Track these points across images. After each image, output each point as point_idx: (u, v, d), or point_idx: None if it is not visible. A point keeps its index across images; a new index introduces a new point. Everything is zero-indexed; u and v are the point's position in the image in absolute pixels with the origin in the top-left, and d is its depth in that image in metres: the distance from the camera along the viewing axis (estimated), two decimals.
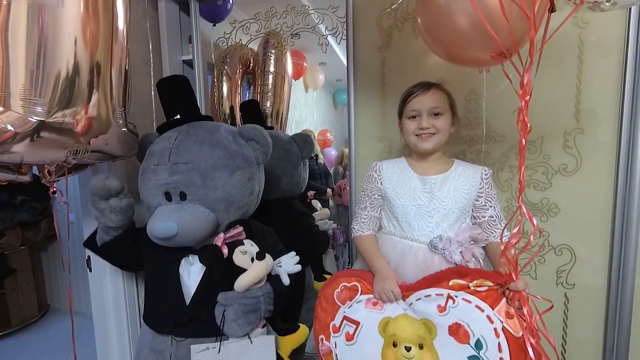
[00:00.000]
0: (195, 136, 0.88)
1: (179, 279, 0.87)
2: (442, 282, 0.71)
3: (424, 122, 0.82)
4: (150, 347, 0.88)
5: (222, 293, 0.82)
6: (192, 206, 0.84)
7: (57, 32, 0.67)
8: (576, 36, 1.03)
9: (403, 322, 0.75)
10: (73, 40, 0.67)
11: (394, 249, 0.84)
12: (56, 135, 0.69)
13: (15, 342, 2.12)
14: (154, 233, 0.81)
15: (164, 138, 0.92)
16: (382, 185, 0.88)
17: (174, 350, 0.85)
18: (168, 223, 0.79)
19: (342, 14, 1.26)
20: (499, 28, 0.59)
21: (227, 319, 0.79)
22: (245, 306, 0.80)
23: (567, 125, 1.07)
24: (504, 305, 0.67)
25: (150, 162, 0.89)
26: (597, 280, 1.08)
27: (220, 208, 0.86)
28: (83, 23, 0.71)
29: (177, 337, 0.86)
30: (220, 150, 0.87)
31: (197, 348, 0.81)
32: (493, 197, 0.85)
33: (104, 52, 0.78)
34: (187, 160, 0.84)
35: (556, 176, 1.10)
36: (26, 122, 0.63)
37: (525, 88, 0.54)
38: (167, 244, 0.83)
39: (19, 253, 2.24)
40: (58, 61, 0.66)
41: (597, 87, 1.03)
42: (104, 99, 0.78)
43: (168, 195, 0.86)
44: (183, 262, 0.89)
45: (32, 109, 0.64)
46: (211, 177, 0.85)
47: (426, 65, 1.17)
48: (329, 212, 1.53)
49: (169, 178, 0.84)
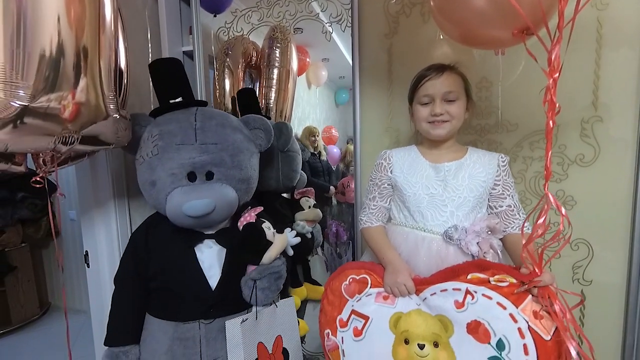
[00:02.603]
0: (214, 119, 0.91)
1: (199, 264, 0.87)
2: (460, 276, 0.66)
3: (437, 108, 0.77)
4: (174, 338, 0.87)
5: (254, 269, 0.87)
6: (220, 185, 0.86)
7: (37, 6, 0.62)
8: (594, 19, 0.98)
9: (416, 317, 0.70)
10: (56, 18, 0.63)
11: (405, 241, 0.80)
12: (41, 121, 0.65)
13: (16, 340, 2.10)
14: (188, 211, 0.80)
15: (178, 119, 0.89)
16: (392, 173, 0.84)
17: (204, 333, 0.86)
18: (205, 200, 0.81)
19: (346, 1, 1.22)
20: (522, 1, 0.54)
21: (259, 289, 0.86)
22: (274, 274, 0.88)
23: (584, 113, 1.02)
24: (529, 303, 0.61)
25: (169, 141, 0.86)
26: (616, 276, 1.03)
27: (242, 188, 0.92)
28: (67, 2, 0.67)
29: (204, 321, 0.87)
30: (240, 134, 0.94)
31: (234, 323, 0.85)
32: (511, 186, 0.81)
33: (91, 38, 0.74)
34: (216, 140, 0.88)
35: (572, 167, 1.05)
36: (8, 107, 0.59)
37: (554, 64, 0.50)
38: (195, 224, 0.85)
39: (20, 250, 2.22)
40: (40, 38, 0.61)
41: (617, 72, 0.98)
42: (93, 85, 0.74)
43: (192, 175, 0.85)
44: (199, 248, 0.89)
45: (14, 93, 0.60)
46: (238, 158, 0.90)
47: (435, 52, 1.12)
48: (320, 214, 1.38)
49: (197, 157, 0.85)
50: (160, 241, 0.89)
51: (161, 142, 0.86)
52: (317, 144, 2.30)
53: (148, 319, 0.91)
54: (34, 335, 2.15)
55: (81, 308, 2.30)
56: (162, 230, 0.89)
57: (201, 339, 0.86)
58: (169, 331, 0.87)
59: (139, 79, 1.25)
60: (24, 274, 2.24)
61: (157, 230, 0.91)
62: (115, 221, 1.26)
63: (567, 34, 0.52)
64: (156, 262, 0.89)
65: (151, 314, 0.90)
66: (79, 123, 0.73)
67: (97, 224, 1.25)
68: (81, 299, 2.35)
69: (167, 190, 0.85)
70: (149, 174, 0.87)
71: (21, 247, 2.22)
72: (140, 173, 0.90)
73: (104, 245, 1.26)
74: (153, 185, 0.86)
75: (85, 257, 1.28)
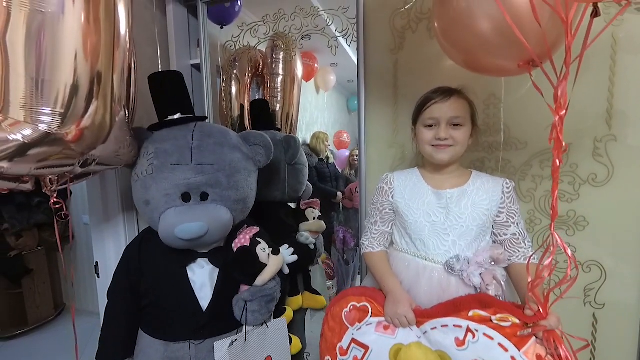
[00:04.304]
0: (213, 137, 0.89)
1: (190, 284, 0.86)
2: (462, 312, 0.65)
3: (442, 133, 0.76)
4: (165, 357, 0.86)
5: (246, 290, 0.86)
6: (214, 206, 0.85)
7: (57, 45, 0.65)
8: (609, 35, 0.94)
9: (416, 351, 0.69)
10: (73, 56, 0.66)
11: (406, 268, 0.79)
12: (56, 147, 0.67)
13: (31, 341, 2.18)
14: (180, 234, 0.78)
15: (175, 136, 0.87)
16: (394, 198, 0.83)
17: (194, 354, 0.86)
18: (198, 223, 0.79)
19: (352, 15, 1.20)
20: (528, 33, 0.53)
21: (249, 311, 0.85)
22: (266, 297, 0.87)
23: (597, 131, 0.98)
24: (532, 346, 0.59)
25: (164, 161, 0.84)
26: (630, 299, 0.99)
27: (238, 208, 0.90)
28: (84, 34, 0.70)
29: (195, 341, 0.86)
30: (238, 153, 0.91)
31: (223, 344, 0.83)
32: (516, 213, 0.79)
33: (105, 60, 0.76)
34: (213, 161, 0.85)
35: (584, 187, 1.01)
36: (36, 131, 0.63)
37: (560, 101, 0.48)
38: (185, 246, 0.83)
39: (36, 254, 2.29)
40: (57, 79, 0.64)
41: (632, 90, 0.95)
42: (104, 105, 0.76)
43: (186, 195, 0.83)
44: (192, 268, 0.87)
45: (39, 119, 0.63)
46: (235, 179, 0.88)
47: (442, 68, 1.10)
48: (323, 226, 1.36)
49: (192, 178, 0.83)
50: (152, 258, 0.89)
51: (156, 162, 0.85)
52: (326, 150, 2.29)
53: (141, 334, 0.91)
54: (48, 336, 2.22)
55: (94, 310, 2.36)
56: (155, 246, 0.88)
57: (191, 359, 0.85)
58: (160, 350, 0.86)
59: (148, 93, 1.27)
60: (40, 277, 2.32)
61: (150, 245, 0.89)
62: (124, 233, 1.29)
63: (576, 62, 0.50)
64: (148, 279, 0.88)
65: (143, 330, 0.90)
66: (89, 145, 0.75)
67: (107, 237, 1.28)
68: (94, 301, 2.41)
69: (160, 210, 0.83)
70: (143, 192, 0.85)
71: (37, 251, 2.30)
72: (135, 191, 0.89)
73: (113, 256, 1.29)
74: (147, 204, 0.85)
75: (95, 268, 1.32)
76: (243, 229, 0.91)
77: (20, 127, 0.66)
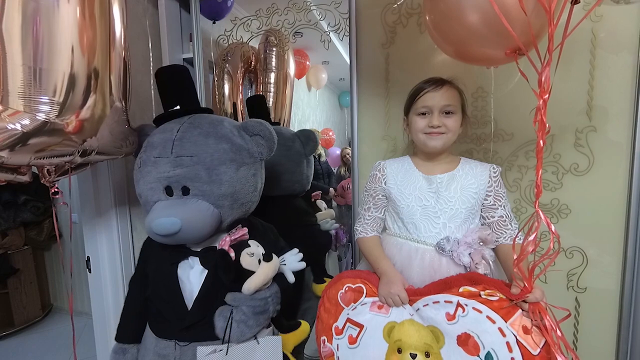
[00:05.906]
0: (199, 128, 0.84)
1: (177, 282, 0.83)
2: (452, 289, 0.68)
3: (435, 120, 0.78)
4: (155, 351, 0.86)
5: (230, 293, 0.79)
6: (195, 201, 0.79)
7: (53, 35, 0.67)
8: (589, 30, 0.99)
9: (409, 327, 0.72)
10: (70, 48, 0.67)
11: (399, 251, 0.82)
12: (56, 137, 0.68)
13: (18, 342, 2.12)
14: (154, 229, 0.75)
15: (164, 129, 0.86)
16: (386, 185, 0.86)
17: (178, 355, 0.82)
18: (170, 219, 0.74)
19: (344, 10, 1.23)
20: (514, 23, 0.56)
21: (234, 320, 0.76)
22: (254, 308, 0.78)
23: (578, 123, 1.03)
24: (518, 318, 0.63)
25: (149, 154, 0.83)
26: (610, 283, 1.05)
27: (224, 204, 0.83)
28: (80, 29, 0.71)
29: (180, 342, 0.82)
30: (226, 144, 0.83)
31: (204, 351, 0.78)
32: (503, 196, 0.82)
33: (102, 58, 0.77)
34: (192, 153, 0.80)
35: (567, 176, 1.06)
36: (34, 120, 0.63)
37: (544, 86, 0.51)
38: (166, 242, 0.79)
39: (22, 253, 2.24)
40: (55, 69, 0.65)
41: (610, 83, 0.99)
42: (102, 99, 0.77)
43: (169, 189, 0.81)
44: (183, 265, 0.84)
45: (37, 108, 0.63)
46: (217, 172, 0.81)
47: (432, 62, 1.14)
48: (334, 213, 1.49)
49: (171, 171, 0.79)
50: (153, 251, 0.89)
51: (144, 155, 0.85)
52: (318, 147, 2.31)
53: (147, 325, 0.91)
54: (36, 337, 2.17)
55: (83, 310, 2.33)
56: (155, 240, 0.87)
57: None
58: (153, 343, 0.85)
59: (141, 87, 1.27)
60: (26, 276, 2.26)
61: (151, 241, 0.89)
62: (117, 228, 1.28)
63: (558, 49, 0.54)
64: (149, 271, 0.89)
65: (147, 320, 0.91)
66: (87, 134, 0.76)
67: (99, 231, 1.27)
68: (83, 301, 2.37)
69: (150, 204, 0.83)
70: (136, 186, 0.87)
71: (23, 250, 2.24)
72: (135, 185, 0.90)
73: (105, 251, 1.28)
74: (140, 198, 0.86)
75: (87, 263, 1.30)
76: (237, 228, 0.85)
77: (19, 116, 0.66)
